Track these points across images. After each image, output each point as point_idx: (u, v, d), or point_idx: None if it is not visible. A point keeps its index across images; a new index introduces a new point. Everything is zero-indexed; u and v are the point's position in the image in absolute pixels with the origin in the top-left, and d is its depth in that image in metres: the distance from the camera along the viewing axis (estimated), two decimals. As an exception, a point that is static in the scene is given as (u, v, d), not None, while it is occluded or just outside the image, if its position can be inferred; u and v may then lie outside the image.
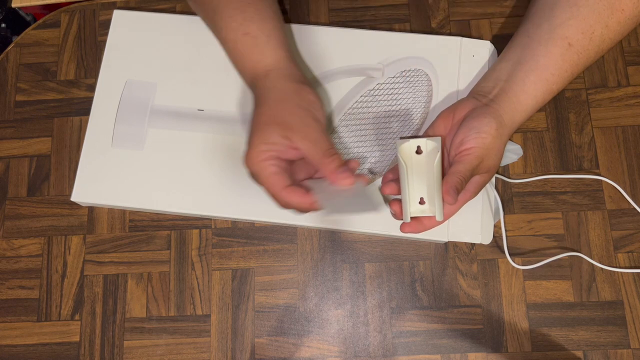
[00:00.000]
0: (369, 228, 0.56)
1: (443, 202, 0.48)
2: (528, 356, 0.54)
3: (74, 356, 0.56)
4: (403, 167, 0.49)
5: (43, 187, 0.61)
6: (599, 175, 0.58)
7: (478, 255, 0.57)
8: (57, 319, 0.57)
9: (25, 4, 0.73)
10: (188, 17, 0.62)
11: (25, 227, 0.60)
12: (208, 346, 0.56)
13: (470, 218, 0.55)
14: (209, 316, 0.57)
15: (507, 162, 0.58)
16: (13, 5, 0.72)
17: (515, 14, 0.63)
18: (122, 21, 0.63)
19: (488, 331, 0.55)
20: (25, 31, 0.66)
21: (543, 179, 0.58)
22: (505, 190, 0.58)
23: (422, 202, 0.49)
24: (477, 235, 0.55)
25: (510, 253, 0.56)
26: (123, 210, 0.60)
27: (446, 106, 0.53)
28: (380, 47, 0.60)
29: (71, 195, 0.58)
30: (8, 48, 0.65)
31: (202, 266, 0.58)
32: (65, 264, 0.58)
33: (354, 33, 0.61)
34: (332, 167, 0.46)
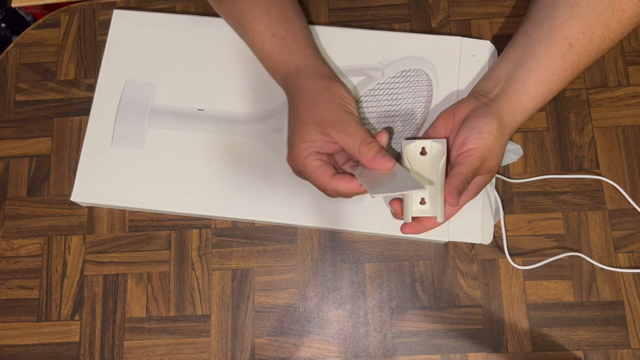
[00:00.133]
0: (369, 228, 0.56)
1: (445, 203, 0.48)
2: (528, 356, 0.54)
3: (74, 356, 0.56)
4: (407, 168, 0.50)
5: (43, 187, 0.61)
6: (599, 175, 0.58)
7: (478, 255, 0.57)
8: (57, 319, 0.57)
9: (25, 4, 0.73)
10: (188, 17, 0.62)
11: (25, 227, 0.60)
12: (208, 346, 0.56)
13: (470, 218, 0.55)
14: (209, 316, 0.57)
15: (508, 162, 0.58)
16: (13, 5, 0.72)
17: (515, 14, 0.63)
18: (122, 21, 0.63)
19: (488, 331, 0.55)
20: (25, 31, 0.66)
21: (543, 179, 0.58)
22: (505, 190, 0.58)
23: (423, 203, 0.49)
24: (477, 235, 0.55)
25: (510, 253, 0.56)
26: (123, 210, 0.60)
27: (446, 106, 0.53)
28: (380, 47, 0.60)
29: (71, 195, 0.58)
30: (8, 48, 0.65)
31: (202, 266, 0.58)
32: (65, 264, 0.58)
33: (354, 33, 0.61)
34: (371, 156, 0.47)
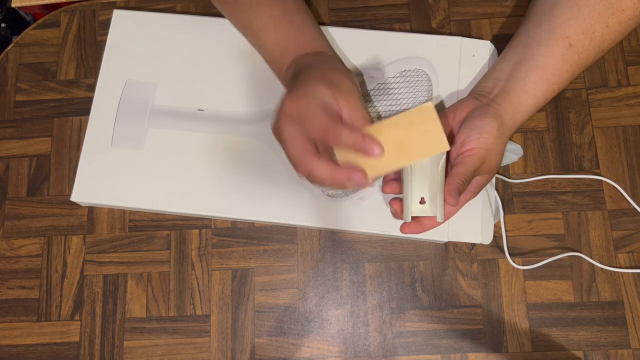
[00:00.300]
0: (369, 228, 0.56)
1: (444, 203, 0.48)
2: (528, 356, 0.54)
3: (74, 356, 0.56)
4: (407, 167, 0.49)
5: (43, 187, 0.61)
6: (599, 175, 0.58)
7: (478, 255, 0.57)
8: (57, 319, 0.57)
9: (25, 4, 0.73)
10: (188, 17, 0.62)
11: (25, 227, 0.60)
12: (208, 346, 0.56)
13: (470, 218, 0.55)
14: (209, 316, 0.57)
15: (508, 162, 0.58)
16: (13, 5, 0.72)
17: (515, 14, 0.63)
18: (122, 21, 0.63)
19: (488, 331, 0.55)
20: (25, 31, 0.66)
21: (543, 179, 0.58)
22: (505, 190, 0.58)
23: (423, 202, 0.49)
24: (477, 235, 0.55)
25: (510, 253, 0.56)
26: (123, 210, 0.60)
27: (446, 106, 0.53)
28: (380, 47, 0.60)
29: (71, 195, 0.58)
30: (8, 48, 0.65)
31: (202, 266, 0.58)
32: (65, 264, 0.58)
33: (354, 33, 0.61)
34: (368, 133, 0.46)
